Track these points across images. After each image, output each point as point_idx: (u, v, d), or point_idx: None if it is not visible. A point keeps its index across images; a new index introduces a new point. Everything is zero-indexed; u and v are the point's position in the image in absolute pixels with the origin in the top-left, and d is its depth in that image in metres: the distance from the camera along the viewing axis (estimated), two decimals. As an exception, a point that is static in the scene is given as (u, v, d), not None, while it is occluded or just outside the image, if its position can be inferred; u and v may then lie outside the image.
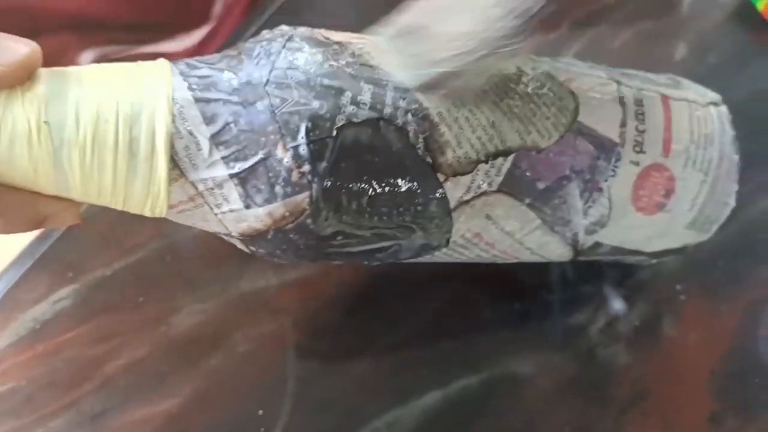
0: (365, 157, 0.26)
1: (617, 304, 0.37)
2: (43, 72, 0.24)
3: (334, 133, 0.25)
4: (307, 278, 0.37)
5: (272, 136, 0.25)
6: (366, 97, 0.26)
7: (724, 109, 0.35)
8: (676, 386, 0.35)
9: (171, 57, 0.51)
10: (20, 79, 0.23)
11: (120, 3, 0.46)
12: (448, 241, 0.29)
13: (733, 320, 0.37)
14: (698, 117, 0.33)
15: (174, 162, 0.25)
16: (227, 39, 0.46)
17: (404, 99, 0.26)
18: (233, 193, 0.26)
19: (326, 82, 0.26)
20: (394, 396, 0.34)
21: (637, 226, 0.32)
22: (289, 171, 0.25)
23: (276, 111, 0.25)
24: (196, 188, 0.26)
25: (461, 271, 0.34)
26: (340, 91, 0.26)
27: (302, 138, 0.25)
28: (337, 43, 0.27)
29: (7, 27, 0.45)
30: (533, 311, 0.36)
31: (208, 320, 0.35)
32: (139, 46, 0.48)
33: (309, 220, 0.26)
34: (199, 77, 0.26)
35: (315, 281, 0.37)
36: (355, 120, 0.26)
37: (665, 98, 0.32)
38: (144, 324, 0.35)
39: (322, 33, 0.28)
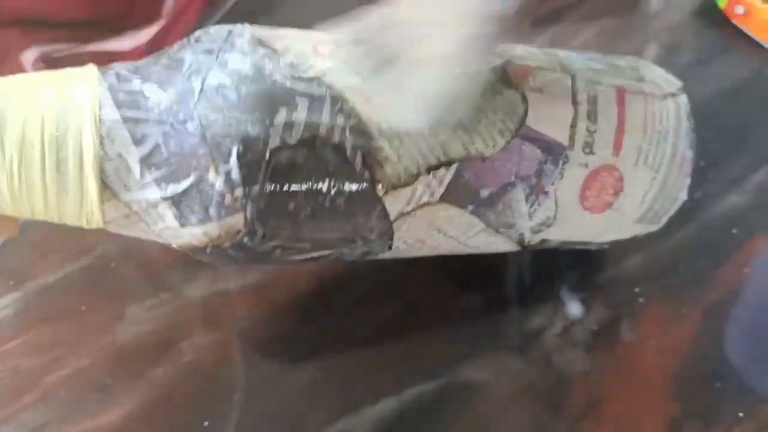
0: (300, 178, 0.25)
1: (575, 308, 0.36)
2: None
3: (267, 156, 0.24)
4: (257, 285, 0.36)
5: (203, 160, 0.24)
6: (301, 114, 0.25)
7: (683, 99, 0.33)
8: (635, 392, 0.34)
9: (119, 56, 0.50)
10: None
11: None
12: (390, 247, 0.28)
13: (693, 323, 0.36)
14: (653, 113, 0.32)
15: (105, 184, 0.24)
16: (182, 37, 0.45)
17: (341, 113, 0.25)
18: (168, 213, 0.25)
19: (259, 100, 0.24)
20: (345, 404, 0.33)
21: (585, 224, 0.31)
22: (222, 195, 0.25)
23: (206, 133, 0.24)
24: (130, 208, 0.25)
25: (415, 276, 0.33)
26: (273, 110, 0.24)
27: (234, 161, 0.24)
28: (275, 50, 0.26)
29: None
30: (489, 316, 0.36)
31: (154, 329, 0.34)
32: (86, 44, 0.47)
33: (246, 239, 0.26)
34: (127, 92, 0.25)
35: (265, 288, 0.36)
36: (289, 141, 0.25)
37: (621, 93, 0.31)
38: (87, 333, 0.34)
39: (262, 35, 0.26)
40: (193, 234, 0.26)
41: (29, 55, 0.45)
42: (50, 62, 0.46)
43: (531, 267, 0.36)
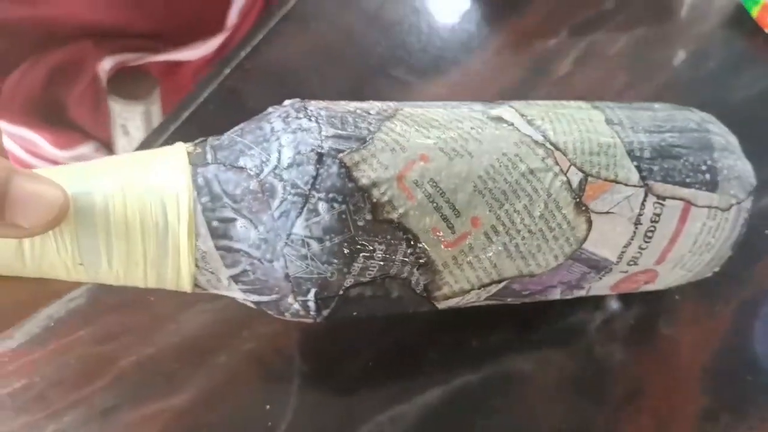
0: (366, 302, 0.28)
1: (614, 304, 0.38)
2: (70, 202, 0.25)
3: (341, 292, 0.27)
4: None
5: (284, 289, 0.27)
6: (377, 259, 0.27)
7: (746, 204, 0.32)
8: (671, 384, 0.36)
9: (188, 65, 0.52)
10: (56, 225, 0.24)
11: (135, 11, 0.47)
12: None
13: (726, 320, 0.38)
14: (710, 227, 0.31)
15: (196, 284, 0.28)
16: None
17: (413, 255, 0.27)
18: (249, 302, 0.29)
19: (341, 251, 0.26)
20: (396, 392, 0.35)
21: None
22: (297, 312, 0.28)
23: (289, 273, 0.27)
24: (219, 292, 0.29)
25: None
26: (352, 259, 0.27)
27: (311, 297, 0.27)
28: (362, 186, 0.26)
29: (25, 36, 0.46)
30: (534, 311, 0.37)
31: (217, 318, 0.36)
32: (156, 54, 0.49)
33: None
34: (221, 220, 0.27)
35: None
36: (362, 280, 0.27)
37: (687, 208, 0.30)
38: (154, 322, 0.36)
39: (351, 164, 0.26)
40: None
41: (105, 65, 0.47)
42: (124, 71, 0.48)
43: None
